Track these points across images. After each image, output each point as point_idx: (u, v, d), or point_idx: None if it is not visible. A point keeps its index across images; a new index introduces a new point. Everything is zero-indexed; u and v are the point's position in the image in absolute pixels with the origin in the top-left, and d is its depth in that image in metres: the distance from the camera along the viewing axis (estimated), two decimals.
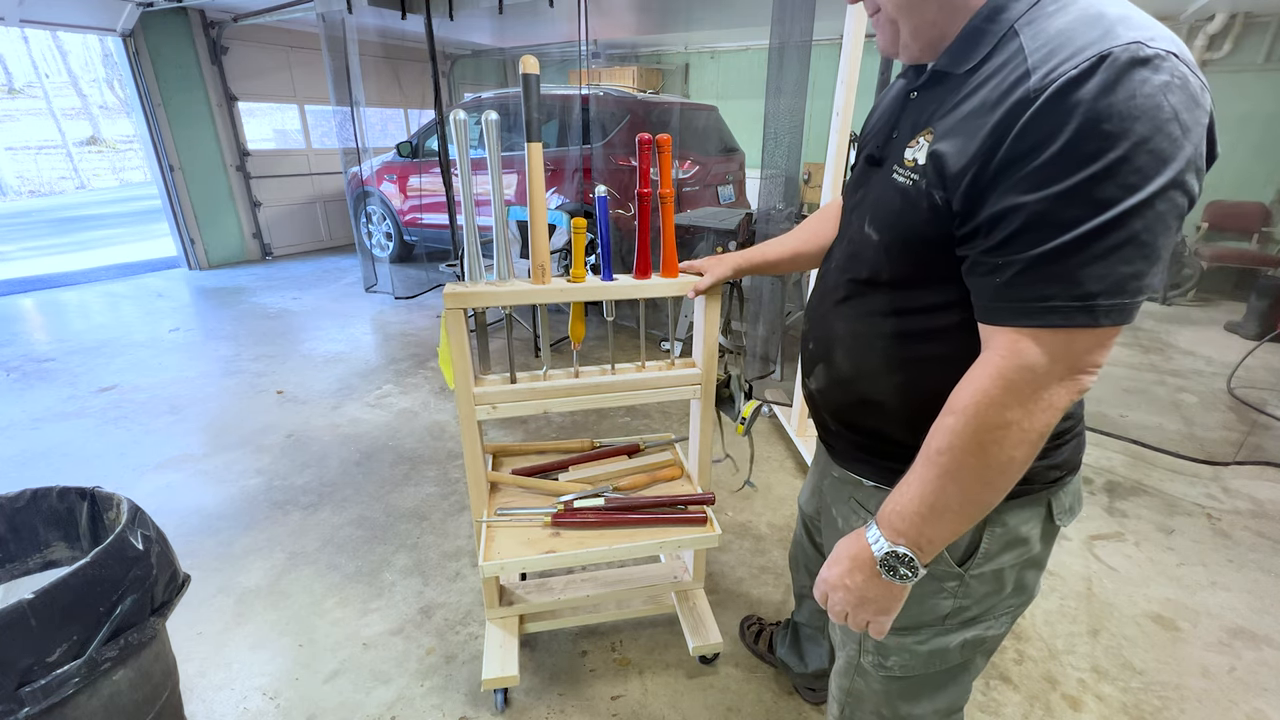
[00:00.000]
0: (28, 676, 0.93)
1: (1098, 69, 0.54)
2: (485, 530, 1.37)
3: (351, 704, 1.53)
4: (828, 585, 0.77)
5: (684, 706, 1.53)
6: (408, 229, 5.68)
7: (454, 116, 1.12)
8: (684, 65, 7.83)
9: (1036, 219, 0.57)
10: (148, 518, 1.17)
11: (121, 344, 3.97)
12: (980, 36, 0.65)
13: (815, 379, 0.91)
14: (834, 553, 0.77)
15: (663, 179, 1.25)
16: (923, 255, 0.71)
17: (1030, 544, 0.80)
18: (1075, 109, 0.54)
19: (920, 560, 0.69)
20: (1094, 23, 0.57)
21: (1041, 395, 0.60)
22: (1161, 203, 0.55)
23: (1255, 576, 2.01)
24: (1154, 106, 0.53)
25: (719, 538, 1.38)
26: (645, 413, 3.07)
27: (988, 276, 0.63)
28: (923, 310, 0.74)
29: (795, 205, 2.95)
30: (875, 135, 0.82)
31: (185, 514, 2.26)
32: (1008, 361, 0.61)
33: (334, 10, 4.29)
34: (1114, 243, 0.56)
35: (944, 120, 0.66)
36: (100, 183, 16.07)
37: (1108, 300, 0.57)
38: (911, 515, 0.68)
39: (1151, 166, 0.54)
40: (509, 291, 1.23)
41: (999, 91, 0.60)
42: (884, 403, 0.81)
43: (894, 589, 0.72)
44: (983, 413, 0.62)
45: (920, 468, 0.68)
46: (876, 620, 0.74)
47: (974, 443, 0.63)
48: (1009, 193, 0.59)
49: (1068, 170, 0.55)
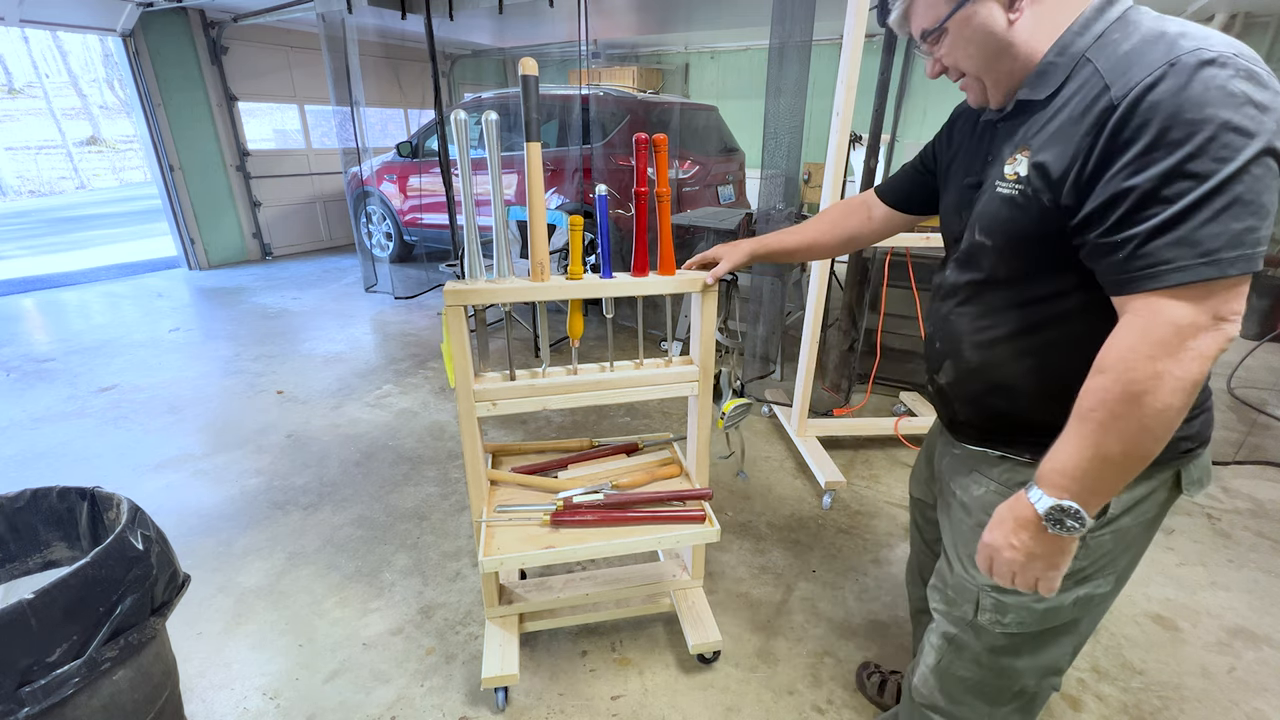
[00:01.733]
0: (28, 676, 0.93)
1: (1169, 73, 0.63)
2: (485, 527, 1.37)
3: (351, 704, 1.53)
4: (991, 548, 0.80)
5: (684, 706, 1.53)
6: (408, 229, 5.68)
7: (454, 116, 1.13)
8: (684, 65, 7.83)
9: (1145, 197, 0.65)
10: (148, 518, 1.18)
11: (121, 344, 3.97)
12: (1054, 69, 0.76)
13: (944, 374, 0.98)
14: (995, 517, 0.80)
15: (659, 178, 1.26)
16: (1034, 251, 0.80)
17: (1150, 509, 0.86)
18: (1157, 106, 0.63)
19: (1087, 511, 0.72)
20: (1157, 40, 0.67)
21: (1189, 344, 0.65)
22: (1257, 167, 0.62)
23: (1255, 576, 2.01)
24: (1226, 94, 0.62)
25: (718, 533, 1.38)
26: (645, 412, 3.07)
27: (1111, 255, 0.69)
28: (1040, 300, 0.82)
29: (795, 205, 2.96)
30: (967, 164, 0.93)
31: (185, 514, 2.26)
32: (1149, 319, 0.66)
33: (334, 10, 4.29)
34: (1221, 205, 0.62)
35: (1037, 137, 0.77)
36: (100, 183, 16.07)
37: (1230, 252, 0.63)
38: (1073, 470, 0.71)
39: (1238, 140, 0.61)
40: (508, 289, 1.23)
41: (1083, 106, 0.71)
42: (1015, 385, 0.87)
43: (1062, 542, 0.75)
44: (1132, 366, 0.66)
45: (1075, 426, 0.72)
46: (1046, 576, 0.77)
47: (1127, 394, 0.67)
48: (1113, 180, 0.67)
49: (1164, 154, 0.63)
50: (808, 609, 1.84)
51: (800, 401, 2.58)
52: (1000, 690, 0.99)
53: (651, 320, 4.06)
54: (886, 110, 2.56)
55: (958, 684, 1.01)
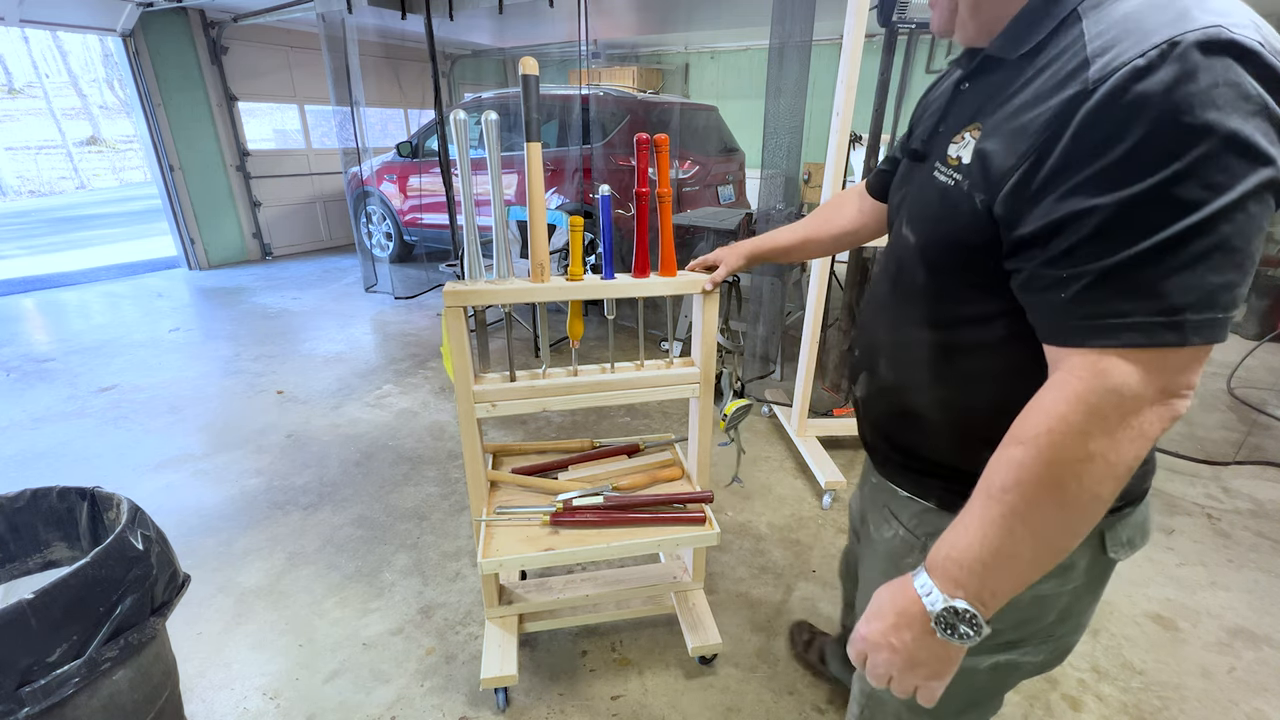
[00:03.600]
0: (28, 676, 0.93)
1: (1168, 57, 0.47)
2: (484, 528, 1.37)
3: (351, 704, 1.53)
4: (867, 644, 0.65)
5: (684, 706, 1.53)
6: (408, 229, 5.68)
7: (454, 116, 1.12)
8: (684, 65, 7.83)
9: (1107, 225, 0.51)
10: (148, 518, 1.18)
11: (121, 344, 3.97)
12: (1039, 18, 0.59)
13: (860, 385, 0.88)
14: (873, 604, 0.66)
15: (660, 178, 1.26)
16: (961, 261, 0.66)
17: (1076, 574, 0.73)
18: (1145, 103, 0.48)
19: (984, 616, 0.58)
20: (1166, 5, 0.50)
21: (1131, 422, 0.52)
22: (1255, 203, 0.48)
23: (1255, 576, 2.01)
24: (1239, 95, 0.47)
25: (718, 536, 1.38)
26: (645, 413, 3.07)
27: (1050, 291, 0.55)
28: (964, 322, 0.69)
29: (795, 205, 2.95)
30: (921, 128, 0.78)
31: (185, 514, 2.26)
32: (1089, 384, 0.53)
33: (334, 10, 4.28)
34: (1201, 249, 0.49)
35: (994, 114, 0.61)
36: (100, 183, 16.07)
37: (1196, 315, 0.50)
38: (972, 563, 0.58)
39: (1241, 165, 0.47)
40: (508, 290, 1.23)
41: (1053, 82, 0.55)
42: (925, 416, 0.76)
43: (950, 650, 0.61)
44: (1060, 443, 0.53)
45: (980, 507, 0.58)
46: (927, 686, 0.63)
47: (1049, 478, 0.54)
48: (1071, 197, 0.52)
49: (1143, 170, 0.49)
50: (808, 609, 1.84)
51: (800, 401, 2.59)
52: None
53: (652, 321, 4.06)
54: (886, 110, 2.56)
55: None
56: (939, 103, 0.76)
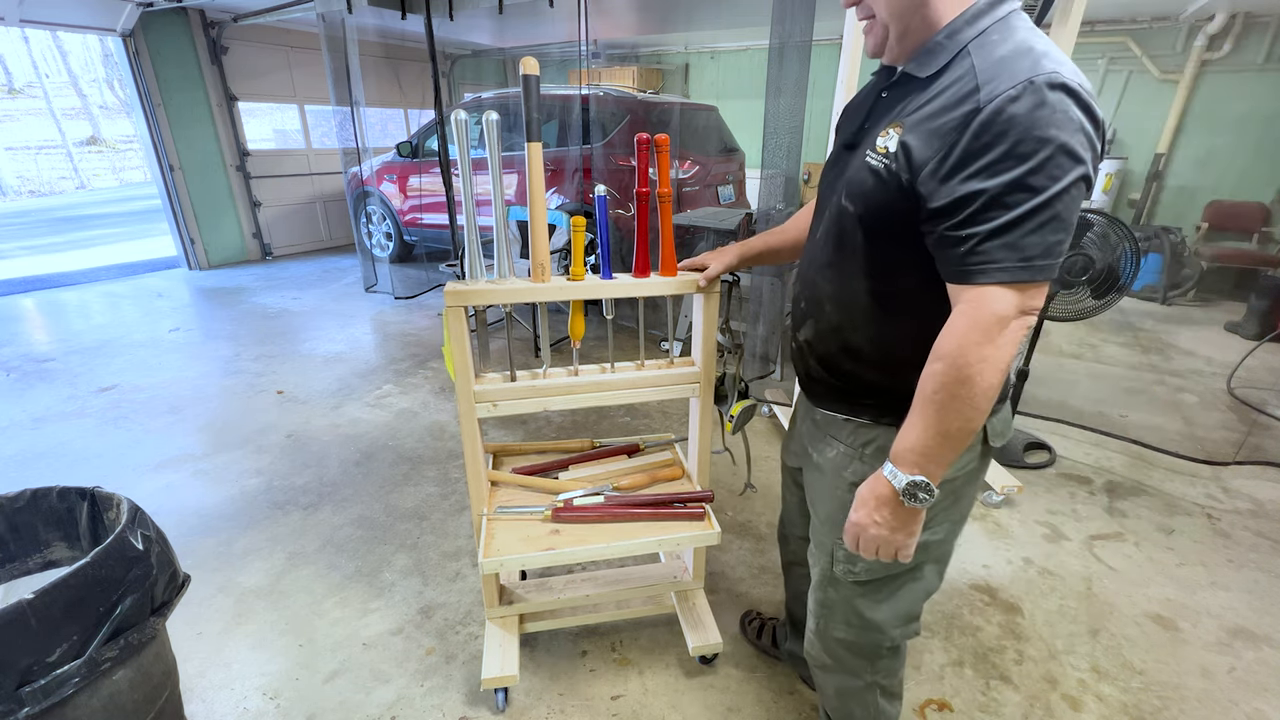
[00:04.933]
0: (28, 676, 0.93)
1: (1027, 90, 0.72)
2: (485, 527, 1.37)
3: (351, 704, 1.53)
4: (858, 526, 0.90)
5: (684, 706, 1.53)
6: (408, 229, 5.67)
7: (454, 116, 1.13)
8: (684, 65, 7.83)
9: (990, 201, 0.74)
10: (148, 518, 1.17)
11: (121, 344, 3.97)
12: (940, 50, 0.82)
13: (805, 330, 1.06)
14: (857, 498, 0.90)
15: (661, 178, 1.26)
16: (889, 225, 0.87)
17: (969, 461, 0.97)
18: (1015, 119, 0.72)
19: (933, 483, 0.83)
20: (1025, 54, 0.75)
21: (1004, 333, 0.77)
22: (1075, 189, 0.74)
23: (1255, 576, 2.01)
24: (1068, 119, 0.72)
25: (718, 536, 1.38)
26: (645, 412, 3.07)
27: (952, 247, 0.79)
28: (891, 272, 0.90)
29: (795, 205, 2.95)
30: (850, 124, 0.98)
31: (185, 514, 2.26)
32: (978, 311, 0.77)
33: (334, 10, 4.28)
34: (1045, 219, 0.74)
35: (912, 116, 0.82)
36: (100, 183, 16.06)
37: (1042, 260, 0.75)
38: (920, 448, 0.82)
39: (1068, 163, 0.72)
40: (509, 289, 1.23)
41: (956, 98, 0.77)
42: (861, 348, 0.97)
43: (916, 513, 0.86)
44: (965, 352, 0.77)
45: (919, 409, 0.82)
46: (905, 545, 0.88)
47: (962, 377, 0.78)
48: (967, 181, 0.75)
49: (1012, 165, 0.73)
50: None
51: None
52: (874, 647, 1.11)
53: (652, 320, 4.06)
54: None
55: (837, 645, 1.13)
56: (864, 107, 0.97)
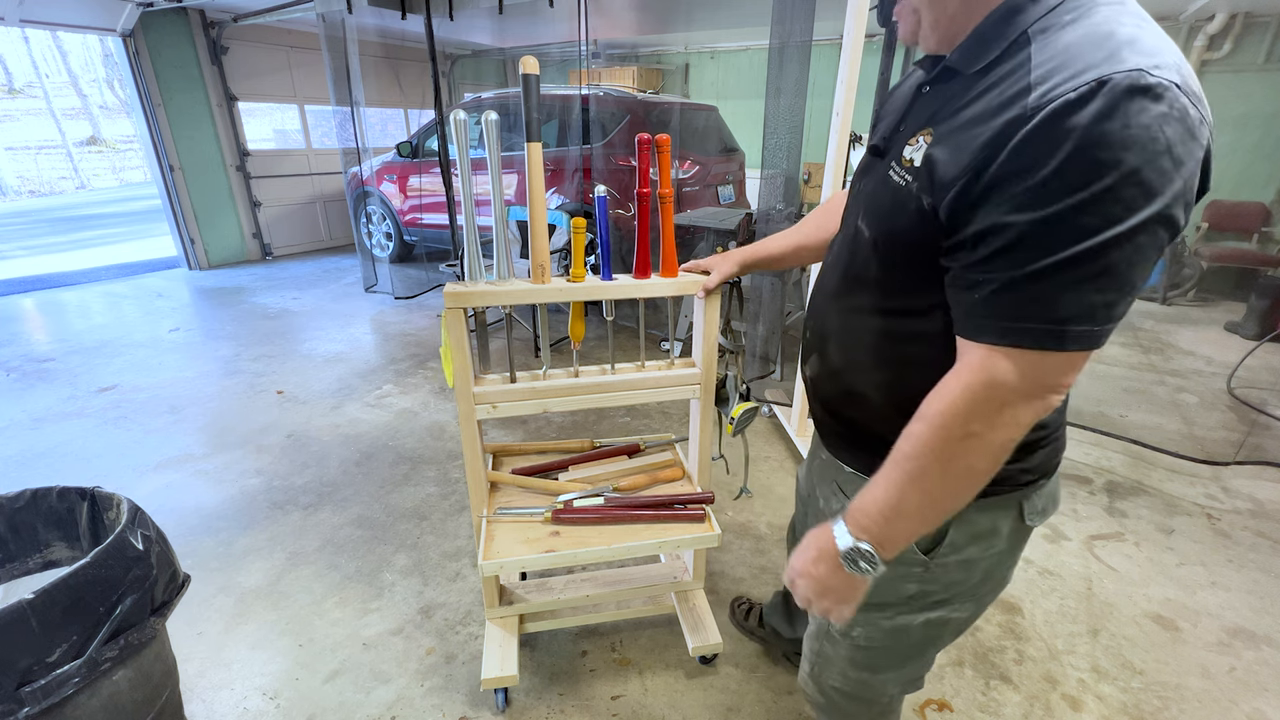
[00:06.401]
0: (28, 676, 0.93)
1: (1096, 94, 0.53)
2: (485, 529, 1.37)
3: (351, 704, 1.53)
4: (794, 572, 0.79)
5: (684, 706, 1.53)
6: (408, 229, 5.67)
7: (454, 116, 1.12)
8: (684, 65, 7.83)
9: (1019, 240, 0.57)
10: (148, 518, 1.17)
11: (121, 344, 3.97)
12: (991, 38, 0.63)
13: (810, 366, 0.95)
14: (803, 541, 0.79)
15: (662, 179, 1.25)
16: (909, 256, 0.71)
17: (999, 539, 0.83)
18: (1070, 134, 0.53)
19: (881, 556, 0.71)
20: (1102, 42, 0.55)
21: (1005, 411, 0.62)
22: (1143, 235, 0.55)
23: (1255, 576, 2.01)
24: (1149, 138, 0.52)
25: (719, 537, 1.38)
26: (645, 413, 3.07)
27: (968, 291, 0.63)
28: (907, 313, 0.75)
29: (795, 205, 2.95)
30: (884, 124, 0.81)
31: (185, 514, 2.26)
32: (977, 376, 0.62)
33: (334, 10, 4.28)
34: (1091, 271, 0.56)
35: (945, 123, 0.65)
36: (100, 183, 16.06)
37: (1078, 326, 0.58)
38: (875, 514, 0.70)
39: (1137, 199, 0.53)
40: (508, 291, 1.23)
41: (998, 102, 0.59)
42: (867, 396, 0.83)
43: (855, 581, 0.74)
44: (948, 423, 0.63)
45: (888, 469, 0.70)
46: (837, 609, 0.77)
47: (939, 451, 0.65)
48: (996, 210, 0.58)
49: (1055, 195, 0.55)
50: None
51: (800, 401, 2.58)
52: (872, 700, 1.03)
53: (652, 321, 4.06)
54: None
55: (833, 691, 1.05)
56: (902, 101, 0.80)
